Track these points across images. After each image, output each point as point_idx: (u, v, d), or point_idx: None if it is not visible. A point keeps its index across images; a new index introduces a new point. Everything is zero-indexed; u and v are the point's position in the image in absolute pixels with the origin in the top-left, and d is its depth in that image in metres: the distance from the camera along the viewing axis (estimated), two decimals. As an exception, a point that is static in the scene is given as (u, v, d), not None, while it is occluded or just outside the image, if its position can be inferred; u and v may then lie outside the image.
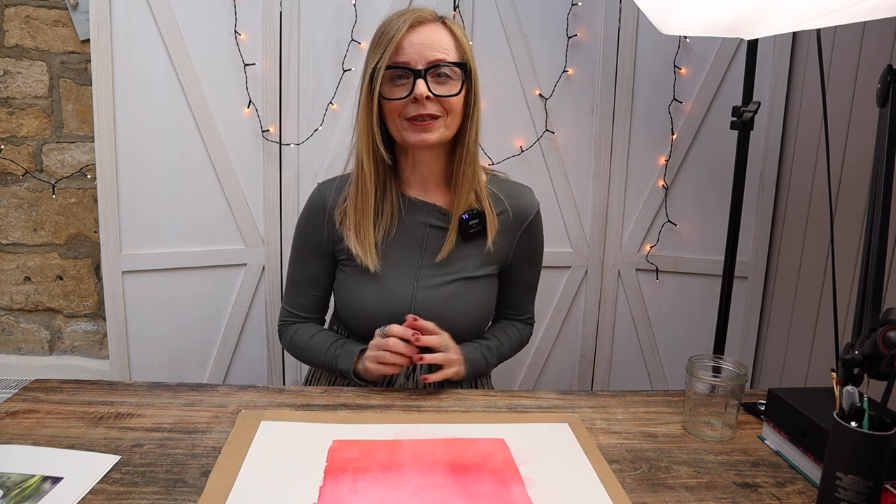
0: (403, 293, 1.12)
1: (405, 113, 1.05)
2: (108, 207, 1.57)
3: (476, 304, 1.15)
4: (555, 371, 1.89)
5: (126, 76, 1.54)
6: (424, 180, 1.15)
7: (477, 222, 1.13)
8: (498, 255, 1.16)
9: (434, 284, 1.12)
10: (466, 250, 1.14)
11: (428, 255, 1.13)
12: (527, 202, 1.19)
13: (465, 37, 1.09)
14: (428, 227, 1.14)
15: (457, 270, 1.13)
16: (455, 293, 1.12)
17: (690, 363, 0.95)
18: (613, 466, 0.84)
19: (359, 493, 0.75)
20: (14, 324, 2.08)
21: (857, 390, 0.72)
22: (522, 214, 1.18)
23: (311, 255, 1.18)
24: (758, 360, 1.79)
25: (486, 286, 1.17)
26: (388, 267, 1.12)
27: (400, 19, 1.05)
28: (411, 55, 1.03)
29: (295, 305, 1.21)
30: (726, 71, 1.69)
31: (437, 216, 1.14)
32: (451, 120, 1.07)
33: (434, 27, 1.06)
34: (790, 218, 1.67)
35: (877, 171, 0.81)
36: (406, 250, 1.13)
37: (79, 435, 0.86)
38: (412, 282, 1.12)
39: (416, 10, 1.07)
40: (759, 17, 0.96)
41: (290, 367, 1.81)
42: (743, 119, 1.40)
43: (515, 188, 1.20)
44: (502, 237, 1.16)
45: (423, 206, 1.14)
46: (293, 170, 1.71)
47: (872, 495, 0.67)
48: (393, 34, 1.03)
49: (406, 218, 1.13)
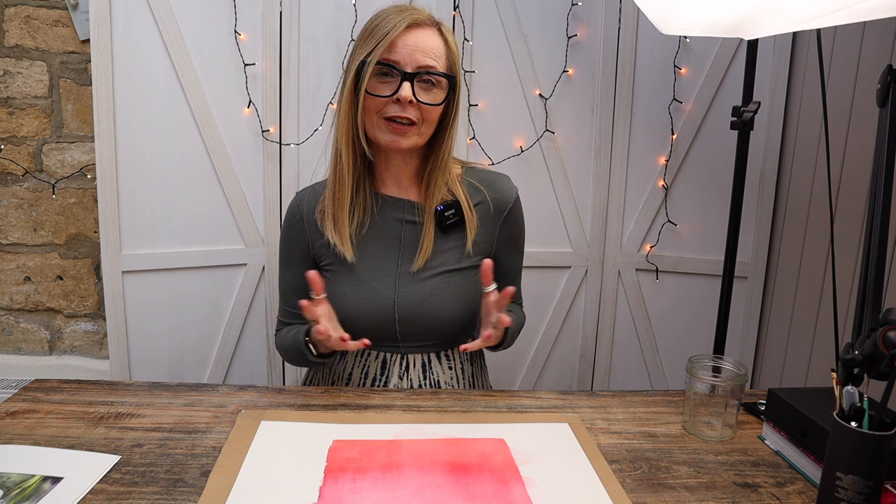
0: (385, 292, 1.11)
1: (384, 112, 1.04)
2: (108, 207, 1.57)
3: (460, 297, 1.13)
4: (555, 371, 1.89)
5: (126, 76, 1.54)
6: (398, 177, 1.14)
7: (453, 212, 1.12)
8: (481, 245, 1.15)
9: (416, 280, 1.11)
10: (447, 243, 1.13)
11: (406, 251, 1.13)
12: (505, 190, 1.17)
13: (456, 47, 1.09)
14: (404, 224, 1.13)
15: (438, 264, 1.12)
16: (438, 287, 1.11)
17: (690, 363, 0.95)
18: (613, 466, 0.84)
19: (359, 493, 0.75)
20: (14, 324, 2.08)
21: (857, 390, 0.72)
22: (502, 203, 1.16)
23: (294, 262, 1.18)
24: (758, 360, 1.79)
25: (471, 278, 1.15)
26: (367, 267, 1.11)
27: (398, 16, 1.04)
28: (403, 55, 1.03)
29: (286, 315, 1.21)
30: (726, 71, 1.69)
31: (412, 212, 1.13)
32: (426, 128, 1.07)
33: (429, 32, 1.06)
34: (790, 218, 1.67)
35: (877, 171, 0.81)
36: (384, 248, 1.13)
37: (79, 435, 0.86)
38: (393, 279, 1.11)
39: (415, 10, 1.06)
40: (759, 17, 0.96)
41: (290, 367, 1.82)
42: (743, 119, 1.40)
43: (492, 177, 1.19)
44: (483, 227, 1.15)
45: (398, 203, 1.13)
46: (293, 170, 1.71)
47: (872, 495, 0.67)
48: (388, 30, 1.02)
49: (379, 216, 1.13)
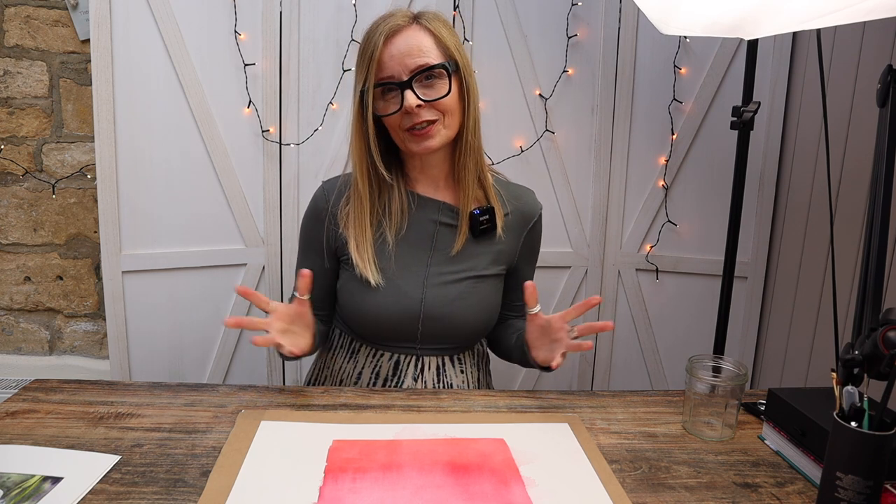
0: (412, 292, 1.10)
1: (403, 124, 1.04)
2: (108, 207, 1.57)
3: (484, 304, 1.14)
4: (555, 371, 1.89)
5: (126, 76, 1.54)
6: (434, 179, 1.14)
7: (487, 218, 1.12)
8: (505, 255, 1.16)
9: (444, 282, 1.11)
10: (476, 248, 1.14)
11: (438, 252, 1.13)
12: (531, 204, 1.20)
13: (447, 31, 1.06)
14: (438, 225, 1.13)
15: (467, 269, 1.12)
16: (465, 291, 1.12)
17: (690, 363, 0.95)
18: (613, 466, 0.84)
19: (359, 493, 0.75)
20: (14, 324, 2.08)
21: (857, 390, 0.72)
22: (527, 216, 1.18)
23: (314, 253, 1.17)
24: (758, 360, 1.79)
25: (494, 286, 1.16)
26: (396, 266, 1.11)
27: (375, 32, 1.03)
28: (393, 68, 1.02)
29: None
30: (726, 71, 1.69)
31: (447, 213, 1.13)
32: (450, 119, 1.06)
33: (410, 32, 1.04)
34: (790, 218, 1.67)
35: (877, 171, 0.81)
36: (416, 248, 1.12)
37: (79, 435, 0.86)
38: (422, 280, 1.11)
39: (390, 16, 1.04)
40: (759, 17, 0.96)
41: (290, 367, 1.81)
42: (743, 119, 1.40)
43: (519, 190, 1.20)
44: (508, 238, 1.16)
45: (433, 204, 1.13)
46: (293, 170, 1.71)
47: (872, 495, 0.67)
48: (371, 51, 1.02)
49: (416, 214, 1.13)
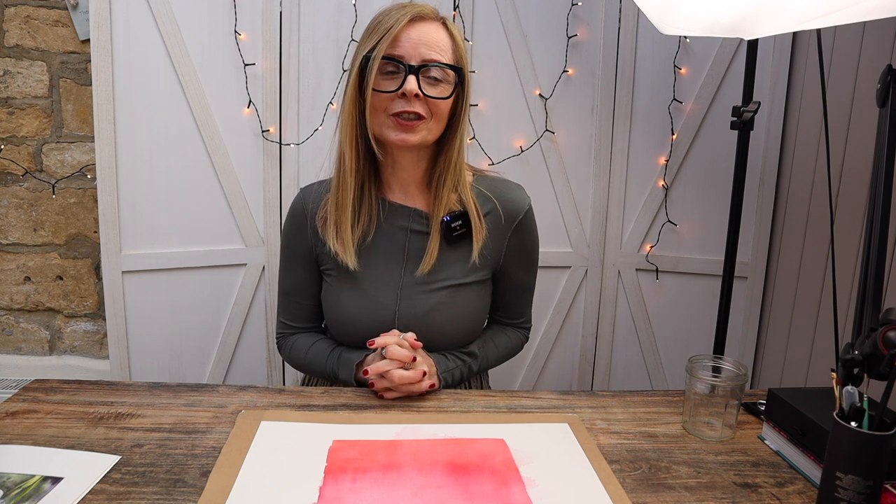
0: (387, 302, 1.08)
1: (391, 108, 1.01)
2: (108, 207, 1.57)
3: (464, 313, 1.11)
4: (555, 371, 1.89)
5: (126, 76, 1.54)
6: (405, 183, 1.11)
7: (460, 224, 1.08)
8: (488, 257, 1.12)
9: (419, 292, 1.09)
10: (452, 255, 1.10)
11: (411, 261, 1.09)
12: (517, 199, 1.14)
13: (463, 42, 1.07)
14: (409, 233, 1.10)
15: (443, 278, 1.09)
16: (442, 302, 1.08)
17: (690, 363, 0.95)
18: (613, 466, 0.84)
19: (359, 494, 0.75)
20: (14, 324, 2.08)
21: (857, 390, 0.72)
22: (512, 213, 1.13)
23: (297, 262, 1.15)
24: (758, 360, 1.79)
25: (477, 292, 1.13)
26: (369, 275, 1.09)
27: (400, 11, 1.02)
28: (407, 49, 1.00)
29: (289, 316, 1.19)
30: (726, 71, 1.69)
31: (419, 220, 1.10)
32: (435, 124, 1.04)
33: (434, 26, 1.04)
34: (790, 218, 1.67)
35: (877, 171, 0.81)
36: (388, 257, 1.10)
37: (79, 435, 0.86)
38: (395, 290, 1.09)
39: (418, 5, 1.04)
40: (759, 17, 0.96)
41: (289, 368, 1.81)
42: (743, 119, 1.40)
43: (504, 185, 1.15)
44: (492, 239, 1.11)
45: (404, 211, 1.10)
46: (293, 170, 1.71)
47: (872, 495, 0.67)
48: (391, 25, 1.00)
49: (385, 223, 1.10)
